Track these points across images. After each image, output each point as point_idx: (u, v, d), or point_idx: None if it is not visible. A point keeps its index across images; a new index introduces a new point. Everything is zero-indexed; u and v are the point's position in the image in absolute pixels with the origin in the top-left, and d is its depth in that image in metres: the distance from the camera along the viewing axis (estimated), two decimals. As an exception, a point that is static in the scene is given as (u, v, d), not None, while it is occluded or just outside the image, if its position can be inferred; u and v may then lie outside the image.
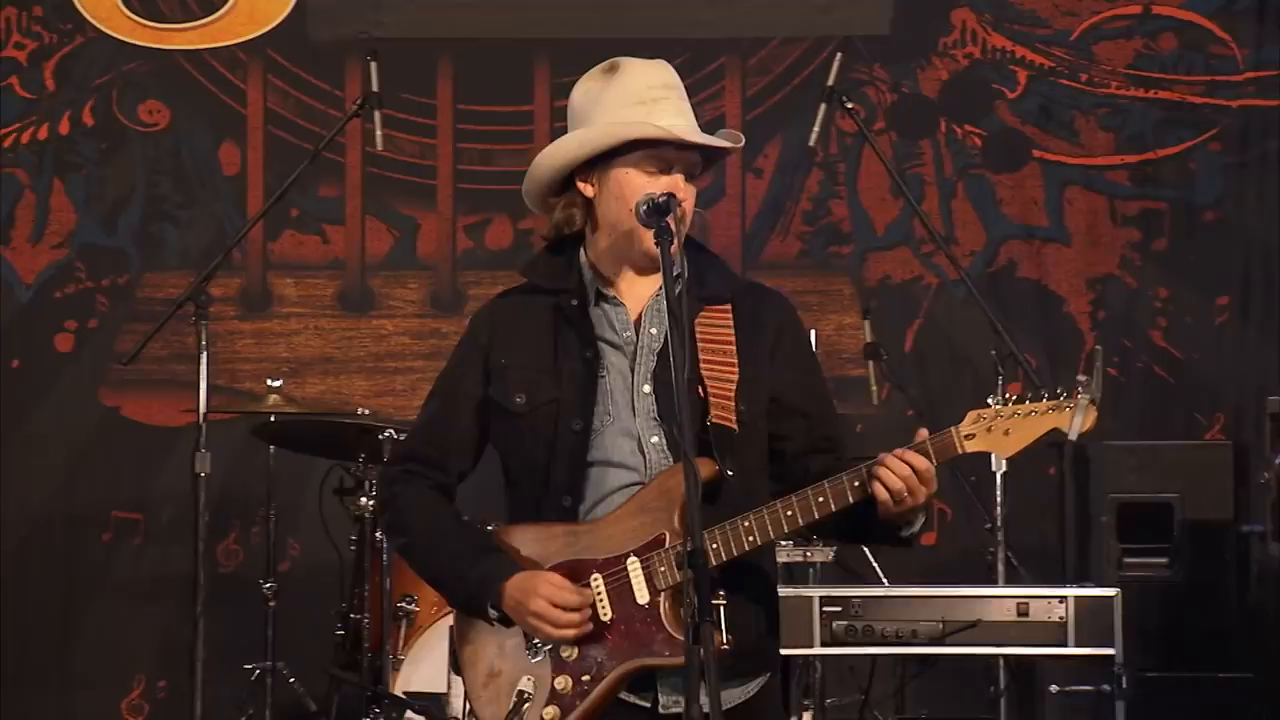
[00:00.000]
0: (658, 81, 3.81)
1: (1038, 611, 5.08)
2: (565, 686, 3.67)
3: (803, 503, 3.63)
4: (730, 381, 3.73)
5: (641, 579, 3.65)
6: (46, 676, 7.64)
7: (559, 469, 3.75)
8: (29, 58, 7.82)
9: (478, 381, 3.84)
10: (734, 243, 7.88)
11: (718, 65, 7.92)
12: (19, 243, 7.77)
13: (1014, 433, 3.62)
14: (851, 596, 5.13)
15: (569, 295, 3.80)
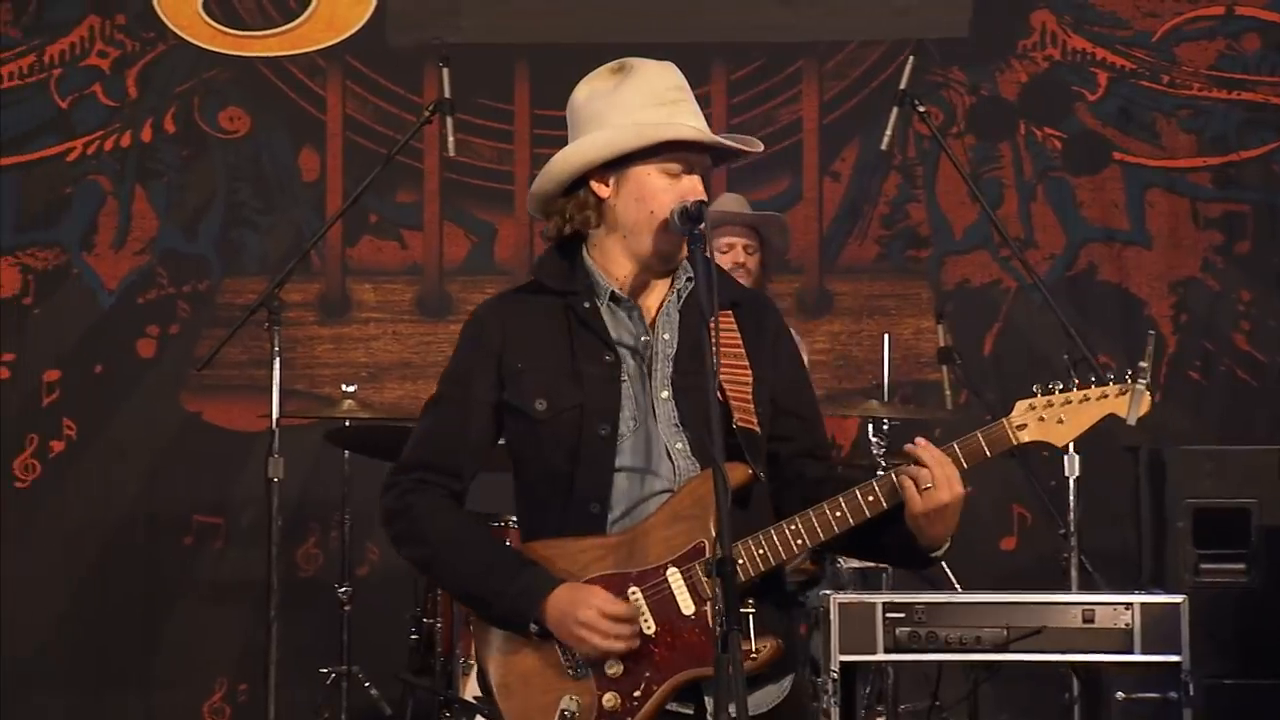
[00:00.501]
0: (673, 83, 3.80)
1: (1104, 618, 5.03)
2: (614, 703, 3.62)
3: (851, 502, 3.61)
4: (746, 384, 3.73)
5: (685, 590, 3.61)
6: (129, 679, 7.76)
7: (584, 476, 3.69)
8: (112, 66, 7.96)
9: (491, 386, 3.77)
10: (811, 247, 7.92)
11: (795, 69, 7.98)
12: (102, 249, 7.90)
13: (1068, 420, 3.62)
14: (915, 603, 5.12)
15: (580, 297, 3.76)
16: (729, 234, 6.61)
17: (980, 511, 7.73)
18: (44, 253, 7.90)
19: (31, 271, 7.90)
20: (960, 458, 3.62)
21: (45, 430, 7.84)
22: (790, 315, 7.67)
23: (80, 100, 7.95)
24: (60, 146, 7.93)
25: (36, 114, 7.95)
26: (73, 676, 7.79)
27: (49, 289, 7.90)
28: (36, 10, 7.98)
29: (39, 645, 7.79)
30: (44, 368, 7.88)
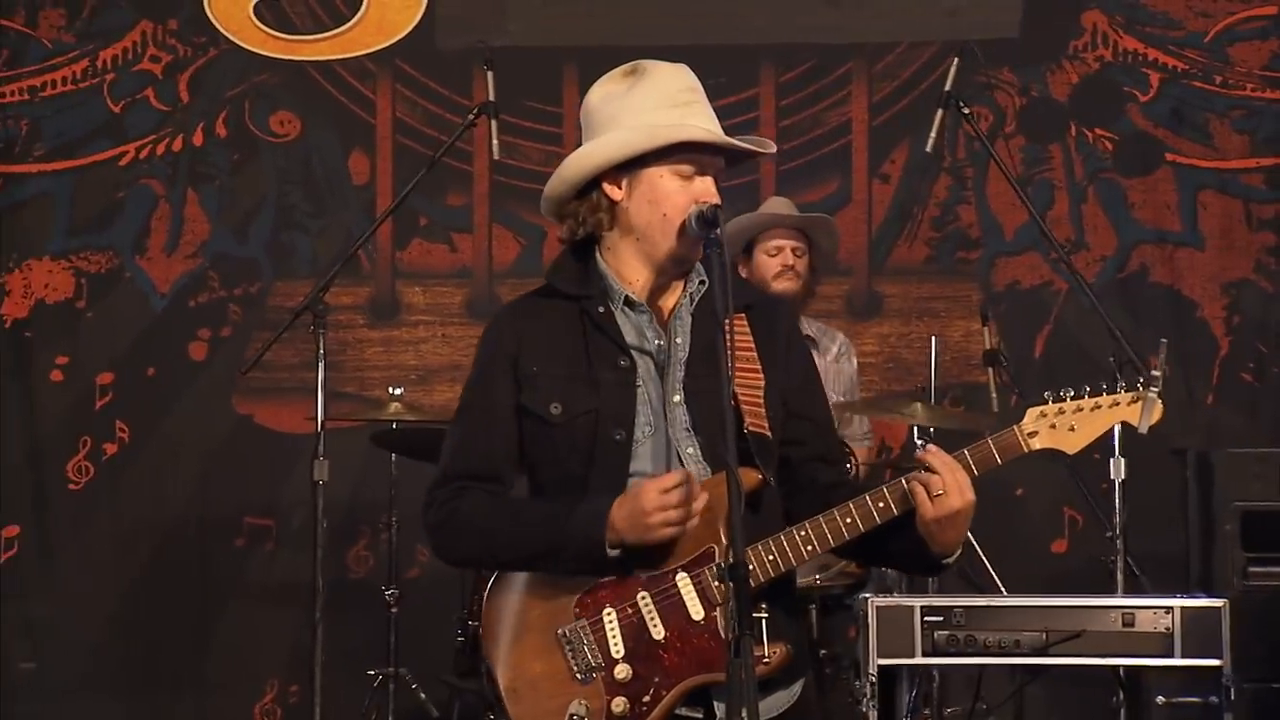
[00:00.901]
0: (686, 85, 3.81)
1: (1144, 622, 5.06)
2: (623, 709, 3.64)
3: (861, 509, 3.63)
4: (758, 388, 3.75)
5: (694, 595, 3.63)
6: (181, 680, 7.85)
7: (599, 480, 3.70)
8: (164, 70, 8.06)
9: (510, 390, 3.78)
10: (860, 249, 7.97)
11: (844, 70, 8.02)
12: (154, 252, 8.00)
13: (1080, 428, 3.62)
14: (953, 606, 5.13)
15: (594, 301, 3.78)
16: (778, 236, 6.67)
17: (1031, 514, 7.78)
18: (97, 256, 8.01)
19: (84, 275, 7.99)
20: (971, 465, 3.62)
21: (98, 433, 7.94)
22: (839, 317, 7.78)
23: (133, 105, 8.05)
24: (113, 151, 8.03)
25: (90, 119, 8.06)
26: (126, 678, 7.89)
27: (102, 292, 8.00)
28: (89, 16, 8.09)
29: (93, 647, 7.89)
30: (97, 371, 7.97)
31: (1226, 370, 7.88)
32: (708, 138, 3.74)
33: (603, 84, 3.86)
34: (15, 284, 8.01)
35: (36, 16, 8.10)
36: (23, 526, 7.96)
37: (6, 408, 7.99)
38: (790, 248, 6.64)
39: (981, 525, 7.24)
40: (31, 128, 8.07)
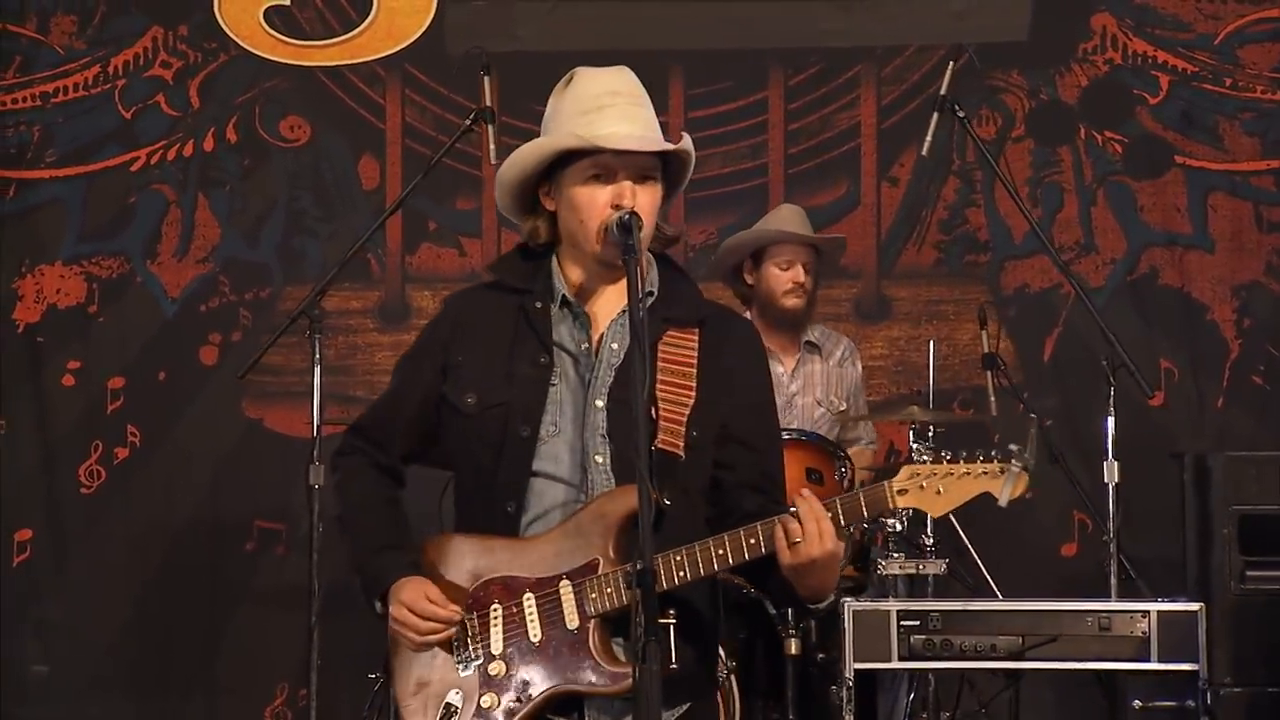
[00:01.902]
0: (605, 89, 3.87)
1: (1120, 626, 5.17)
2: (491, 704, 3.75)
3: (734, 542, 3.67)
4: (684, 406, 3.80)
5: (573, 604, 3.74)
6: (192, 682, 8.01)
7: (504, 474, 3.81)
8: (175, 76, 8.23)
9: (434, 373, 3.92)
10: (869, 252, 8.09)
11: (853, 74, 8.15)
12: (165, 257, 8.16)
13: (945, 492, 3.69)
14: (930, 610, 5.24)
15: (533, 297, 3.88)
16: (790, 251, 6.84)
17: (1042, 517, 7.90)
18: (108, 261, 8.18)
19: (96, 280, 8.17)
20: (840, 514, 3.67)
21: (110, 437, 8.10)
22: (847, 320, 7.94)
23: (143, 110, 8.22)
24: (124, 156, 8.21)
25: (101, 124, 8.23)
26: (137, 681, 8.04)
27: (113, 297, 8.17)
28: (101, 23, 8.25)
29: (105, 650, 8.05)
30: (108, 375, 8.14)
31: (1236, 373, 8.01)
32: (578, 144, 3.79)
33: (552, 94, 3.95)
34: (27, 289, 8.18)
35: (48, 23, 8.27)
36: (35, 530, 8.12)
37: (19, 412, 8.16)
38: (802, 264, 6.81)
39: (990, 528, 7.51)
40: (43, 134, 8.24)
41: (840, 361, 7.02)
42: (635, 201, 3.80)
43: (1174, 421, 7.92)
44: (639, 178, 3.83)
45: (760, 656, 6.51)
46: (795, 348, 6.93)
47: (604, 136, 3.80)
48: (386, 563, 3.88)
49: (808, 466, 6.07)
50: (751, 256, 6.89)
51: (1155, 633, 5.18)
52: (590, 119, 3.83)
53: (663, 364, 3.84)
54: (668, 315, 3.89)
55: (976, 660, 5.29)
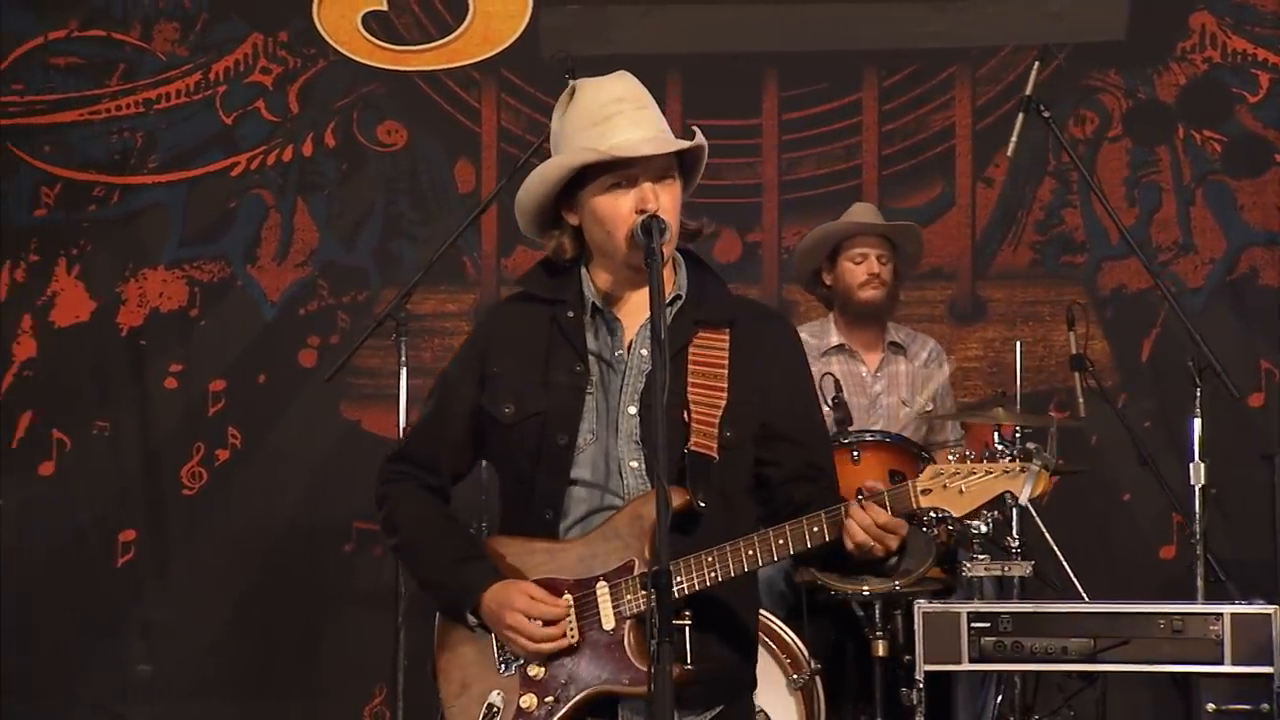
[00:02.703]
0: (609, 97, 3.92)
1: (1194, 628, 5.21)
2: (531, 705, 3.84)
3: (763, 543, 3.77)
4: (716, 407, 3.87)
5: (609, 605, 3.82)
6: (291, 684, 8.15)
7: (542, 482, 3.90)
8: (274, 82, 8.41)
9: (473, 387, 3.99)
10: (964, 253, 8.15)
11: (947, 75, 8.21)
12: (265, 261, 8.34)
13: (968, 492, 3.76)
14: (1000, 612, 5.30)
15: (565, 306, 3.95)
16: (862, 244, 6.92)
17: (1140, 520, 7.95)
18: (209, 265, 8.37)
19: (197, 284, 8.36)
20: None
21: (211, 439, 8.28)
22: (942, 322, 8.01)
23: (244, 116, 8.41)
24: (225, 162, 8.40)
25: (202, 130, 8.41)
26: (238, 681, 8.19)
27: (214, 301, 8.34)
28: (203, 30, 8.44)
29: (207, 650, 8.20)
30: (210, 378, 8.32)
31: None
32: (597, 157, 3.85)
33: (555, 110, 4.03)
34: (131, 293, 8.38)
35: (151, 30, 8.46)
36: (139, 531, 8.31)
37: (122, 414, 8.36)
38: (875, 255, 6.89)
39: (1088, 530, 7.56)
40: (146, 140, 8.43)
41: (926, 362, 7.08)
42: (658, 203, 3.85)
43: (1275, 423, 7.93)
44: (658, 178, 3.89)
45: (850, 658, 6.62)
46: (879, 347, 7.01)
47: (618, 145, 3.85)
48: (473, 574, 3.94)
49: (890, 469, 6.05)
50: (827, 258, 7.00)
51: (1229, 635, 5.19)
52: (600, 130, 3.89)
53: (694, 366, 3.91)
54: (697, 316, 3.96)
55: (1047, 663, 5.30)
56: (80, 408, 8.41)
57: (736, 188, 8.22)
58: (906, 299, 7.63)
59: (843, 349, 7.01)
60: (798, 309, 7.89)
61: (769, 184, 8.26)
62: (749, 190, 8.26)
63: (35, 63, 8.53)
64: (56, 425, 8.41)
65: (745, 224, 8.22)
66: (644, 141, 3.88)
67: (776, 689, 5.89)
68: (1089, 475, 7.44)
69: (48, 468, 8.40)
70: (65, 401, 8.41)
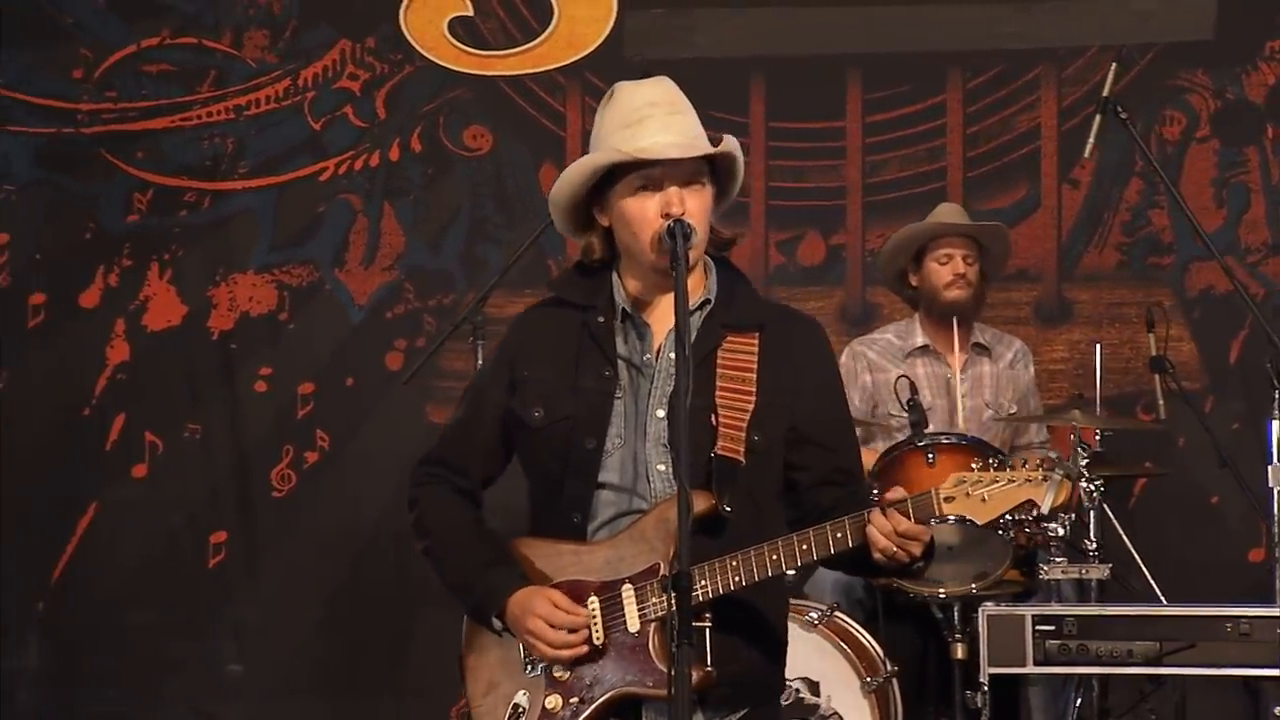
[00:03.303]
0: (643, 100, 3.98)
1: (1260, 632, 5.22)
2: (556, 705, 3.90)
3: (787, 548, 3.82)
4: (744, 411, 3.90)
5: (634, 607, 3.88)
6: (380, 683, 8.24)
7: (571, 486, 3.95)
8: (362, 88, 8.52)
9: (503, 391, 4.05)
10: (1050, 254, 8.14)
11: (1033, 76, 8.21)
12: (353, 265, 8.45)
13: (991, 500, 3.80)
14: (1065, 615, 5.32)
15: (595, 311, 4.00)
16: (948, 245, 6.96)
17: (1229, 522, 7.93)
18: (298, 270, 8.50)
19: (287, 288, 8.49)
20: None
21: (300, 441, 8.40)
22: (1027, 324, 8.01)
23: (332, 122, 8.53)
24: (313, 167, 8.52)
25: (291, 136, 8.54)
26: (328, 681, 8.30)
27: (303, 305, 8.47)
28: (292, 36, 8.57)
29: (295, 650, 8.33)
30: (299, 381, 8.45)
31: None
32: (620, 158, 3.91)
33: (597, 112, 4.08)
34: (221, 297, 8.52)
35: (242, 38, 8.60)
36: (229, 532, 8.44)
37: (213, 417, 8.49)
38: (960, 255, 6.92)
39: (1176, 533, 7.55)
40: (236, 146, 8.57)
41: (1011, 364, 7.11)
42: (685, 207, 3.90)
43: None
44: (685, 183, 3.93)
45: (931, 662, 6.67)
46: (963, 349, 7.03)
47: (644, 148, 3.91)
48: (498, 579, 3.99)
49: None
50: (913, 258, 7.04)
51: (1296, 638, 5.17)
52: (632, 131, 3.95)
53: (722, 370, 3.95)
54: (727, 320, 4.00)
55: (1112, 666, 5.31)
56: (172, 410, 8.55)
57: (820, 190, 8.27)
58: (992, 301, 7.66)
59: (927, 350, 7.05)
60: (881, 311, 7.94)
61: (852, 186, 8.30)
62: (833, 193, 8.31)
63: (128, 70, 8.68)
64: (149, 428, 8.56)
65: (829, 226, 8.27)
66: (671, 145, 3.93)
67: (850, 691, 5.94)
68: (1176, 478, 7.45)
69: (141, 470, 8.55)
70: (158, 404, 8.56)
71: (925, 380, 6.94)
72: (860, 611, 6.52)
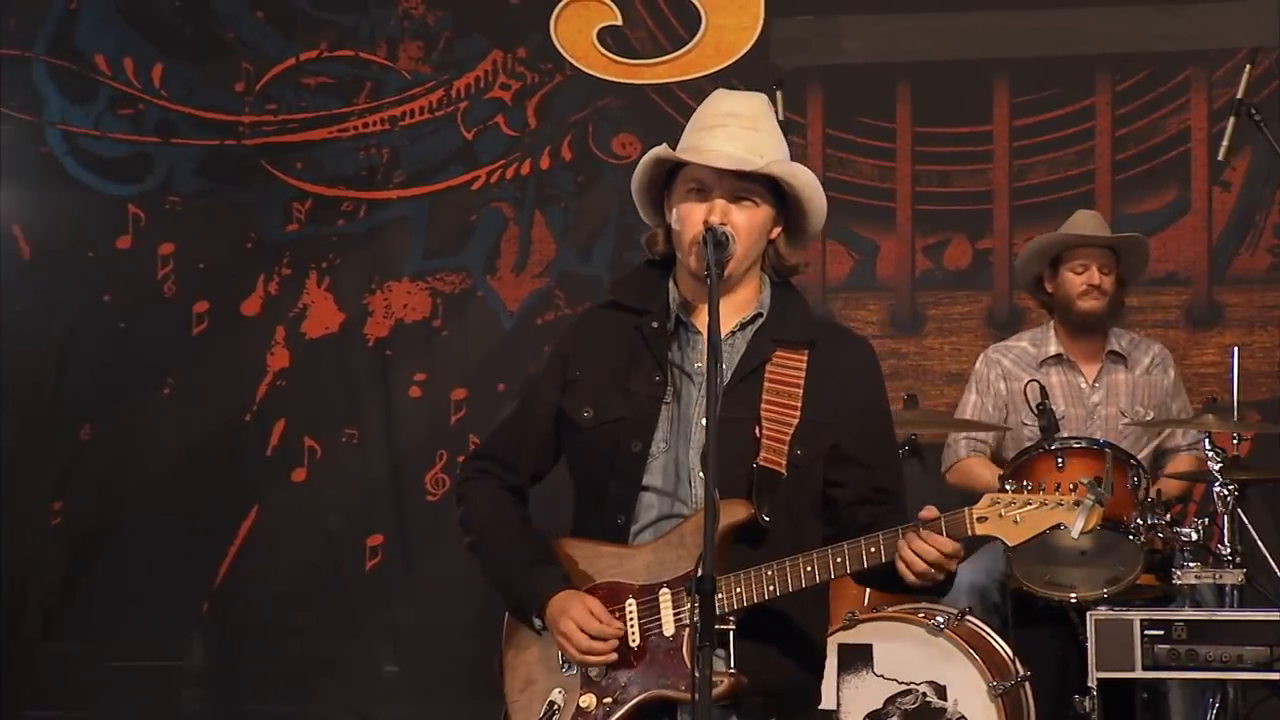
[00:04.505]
0: (724, 109, 4.06)
1: None
2: (590, 704, 3.99)
3: (821, 560, 3.88)
4: (789, 425, 3.97)
5: (669, 611, 3.95)
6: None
7: (615, 487, 4.04)
8: (513, 97, 8.68)
9: (555, 390, 4.17)
10: (1200, 258, 8.11)
11: (1183, 78, 8.18)
12: (504, 273, 8.62)
13: (1023, 522, 3.86)
14: (1174, 620, 5.34)
15: (650, 316, 4.07)
16: (1083, 254, 6.97)
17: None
18: (451, 276, 8.67)
19: (440, 295, 8.66)
20: None
21: (453, 446, 8.54)
22: (1177, 327, 8.01)
23: (484, 131, 8.69)
24: (466, 176, 8.69)
25: (445, 145, 8.72)
26: (481, 682, 8.45)
27: (456, 311, 8.65)
28: (445, 47, 8.75)
29: (450, 652, 8.42)
30: (452, 386, 8.61)
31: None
32: (665, 155, 4.02)
33: None
34: (377, 304, 8.72)
35: (396, 50, 8.80)
36: (385, 535, 8.63)
37: (370, 422, 8.70)
38: (1096, 265, 6.96)
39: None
40: (392, 156, 8.77)
41: (1148, 369, 7.11)
42: (729, 219, 3.98)
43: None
44: (734, 198, 4.01)
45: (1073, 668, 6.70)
46: (1098, 357, 7.07)
47: (692, 150, 4.02)
48: (540, 579, 4.10)
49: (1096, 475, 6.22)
50: (1049, 265, 7.09)
51: None
52: (701, 136, 4.06)
53: (769, 383, 4.03)
54: (777, 335, 4.08)
55: (1223, 671, 5.31)
56: (330, 416, 8.77)
57: (967, 194, 8.31)
58: (1141, 304, 7.69)
59: (1061, 359, 7.09)
60: (1029, 315, 7.96)
61: (999, 190, 8.33)
62: (980, 197, 8.34)
63: (288, 83, 8.92)
64: (308, 433, 8.79)
65: (976, 231, 8.30)
66: (721, 155, 4.01)
67: (977, 695, 5.98)
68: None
69: (300, 474, 8.79)
70: (316, 410, 8.79)
71: (1059, 389, 6.98)
72: (996, 616, 6.56)
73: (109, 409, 8.92)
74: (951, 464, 7.19)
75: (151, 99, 9.00)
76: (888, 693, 6.08)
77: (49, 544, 8.91)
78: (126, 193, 9.00)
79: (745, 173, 4.03)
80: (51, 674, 8.81)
